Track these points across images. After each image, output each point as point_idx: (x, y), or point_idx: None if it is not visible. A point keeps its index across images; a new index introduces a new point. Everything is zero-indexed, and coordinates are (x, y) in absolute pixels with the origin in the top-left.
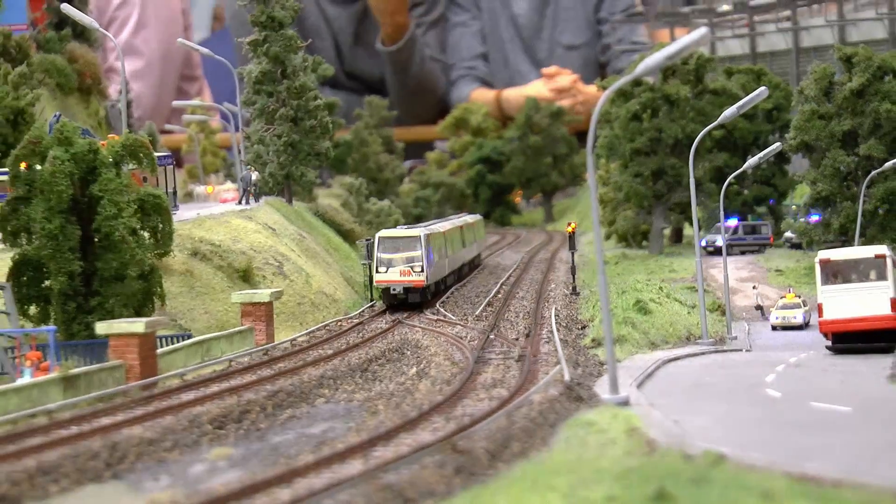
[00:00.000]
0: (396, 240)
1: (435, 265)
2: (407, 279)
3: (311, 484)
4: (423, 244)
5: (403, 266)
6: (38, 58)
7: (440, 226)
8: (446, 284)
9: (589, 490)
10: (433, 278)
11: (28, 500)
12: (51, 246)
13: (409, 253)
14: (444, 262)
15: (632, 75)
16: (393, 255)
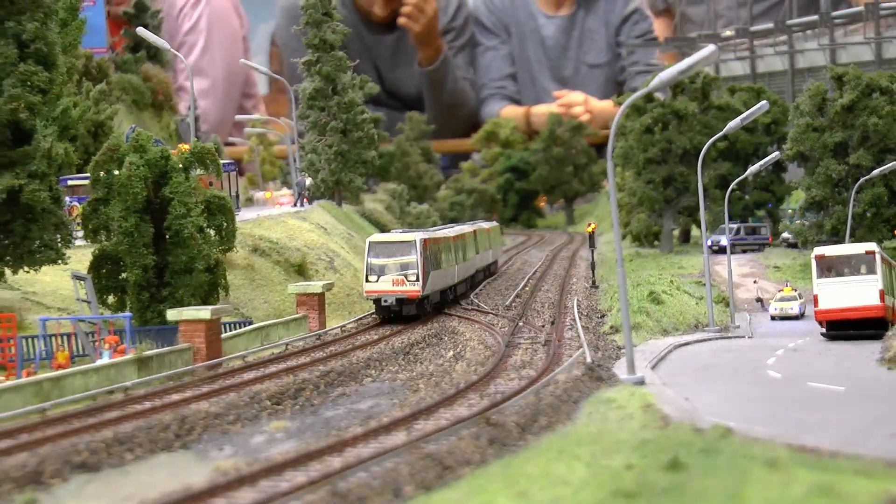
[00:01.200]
0: (389, 245)
1: (435, 274)
2: (400, 289)
3: (359, 453)
4: (420, 250)
5: (396, 274)
6: (117, 77)
7: (446, 231)
8: (456, 293)
9: (610, 459)
10: (432, 288)
11: (106, 467)
12: (127, 242)
13: (403, 260)
14: (451, 270)
15: (647, 88)
16: (385, 261)
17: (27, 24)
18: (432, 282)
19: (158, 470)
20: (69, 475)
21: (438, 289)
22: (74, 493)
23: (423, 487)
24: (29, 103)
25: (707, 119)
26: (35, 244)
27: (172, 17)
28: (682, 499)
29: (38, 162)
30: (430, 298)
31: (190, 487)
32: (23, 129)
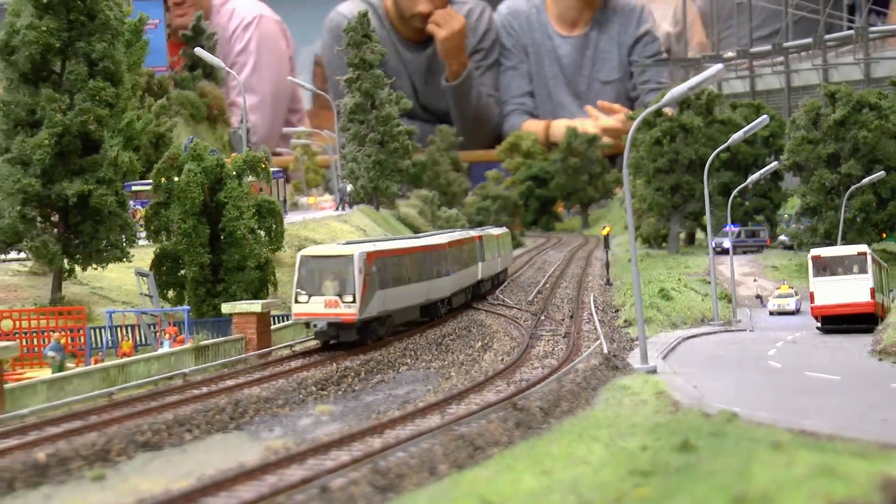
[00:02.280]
0: (323, 260)
1: (386, 293)
2: (333, 312)
3: (398, 434)
4: (359, 266)
5: (330, 295)
6: (175, 93)
7: (408, 242)
8: (450, 306)
9: (626, 441)
10: (376, 310)
11: (167, 446)
12: (185, 242)
13: (338, 277)
14: (420, 287)
15: (661, 103)
16: (318, 279)
17: (96, 44)
18: (379, 302)
19: (214, 449)
20: (134, 453)
21: (393, 309)
22: (138, 469)
23: (456, 466)
24: (98, 116)
25: (711, 132)
26: (102, 244)
27: (225, 39)
28: (693, 477)
29: (105, 169)
30: (384, 321)
31: (244, 465)
32: (92, 140)
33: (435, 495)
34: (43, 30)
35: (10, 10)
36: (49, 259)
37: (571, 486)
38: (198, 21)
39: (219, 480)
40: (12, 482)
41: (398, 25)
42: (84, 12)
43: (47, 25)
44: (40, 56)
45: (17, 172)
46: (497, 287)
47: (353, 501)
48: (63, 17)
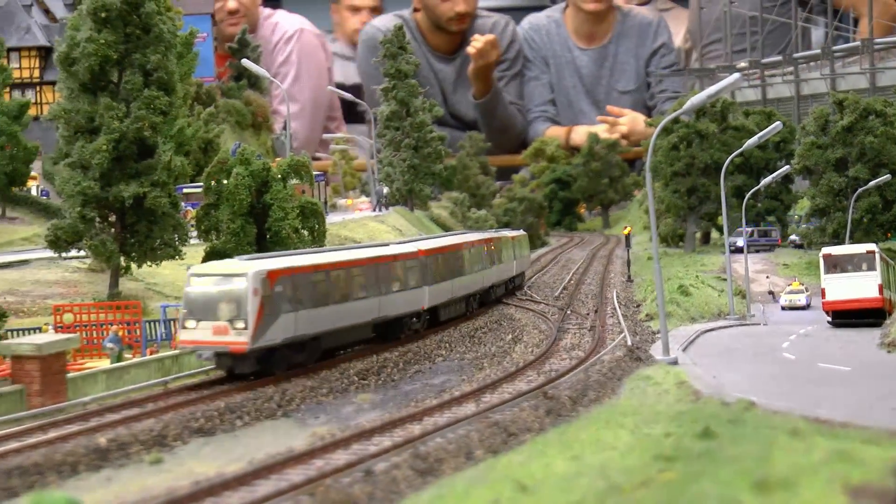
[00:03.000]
0: (214, 280)
1: (295, 317)
2: (221, 340)
3: (436, 421)
4: (253, 288)
5: (220, 320)
6: (222, 102)
7: (359, 253)
8: (435, 318)
9: (650, 428)
10: (281, 336)
11: (219, 432)
12: (234, 241)
13: (229, 300)
14: (366, 307)
15: (682, 110)
16: (207, 302)
17: (151, 56)
18: (287, 327)
19: (264, 434)
20: (188, 438)
21: (320, 331)
22: (193, 453)
23: (491, 451)
24: (152, 123)
25: (725, 138)
26: (156, 242)
27: (268, 51)
28: (716, 462)
29: (159, 173)
30: (305, 346)
31: (292, 449)
32: (147, 145)
33: (472, 479)
34: (101, 42)
35: (71, 24)
36: (107, 257)
37: (600, 470)
38: (243, 34)
39: (269, 464)
40: (76, 466)
41: (429, 37)
42: (140, 26)
43: (105, 38)
44: (99, 67)
45: (77, 176)
46: (513, 292)
47: (395, 484)
48: (120, 31)
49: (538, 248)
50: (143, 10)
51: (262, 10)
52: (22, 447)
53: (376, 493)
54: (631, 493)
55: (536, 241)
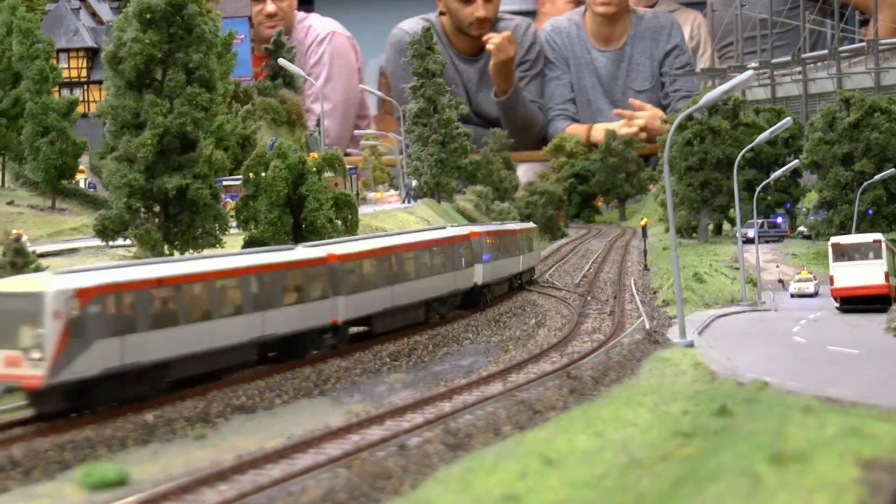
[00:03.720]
0: (6, 299)
1: (124, 341)
2: (13, 373)
3: (465, 399)
4: (53, 310)
5: (14, 349)
6: (259, 100)
7: (241, 259)
8: (375, 329)
9: (669, 406)
10: (99, 367)
11: (260, 410)
12: (271, 230)
13: (23, 325)
14: (243, 323)
15: (697, 106)
16: None
17: (193, 55)
18: (109, 355)
19: (301, 412)
20: (230, 415)
21: (167, 357)
22: (235, 429)
23: (518, 427)
24: (194, 118)
25: (737, 134)
26: (198, 231)
27: (302, 52)
28: (733, 438)
29: (200, 165)
30: (145, 374)
31: (329, 426)
32: (189, 139)
33: (500, 453)
34: (146, 42)
35: (117, 25)
36: (151, 245)
37: (622, 445)
38: (279, 36)
39: (308, 439)
40: (124, 440)
41: (454, 40)
42: (183, 27)
43: (150, 38)
44: (144, 65)
45: (123, 168)
46: (515, 288)
47: (427, 458)
48: (164, 31)
49: (558, 238)
50: (186, 12)
51: (296, 14)
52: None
53: (410, 466)
54: (652, 467)
55: (556, 232)
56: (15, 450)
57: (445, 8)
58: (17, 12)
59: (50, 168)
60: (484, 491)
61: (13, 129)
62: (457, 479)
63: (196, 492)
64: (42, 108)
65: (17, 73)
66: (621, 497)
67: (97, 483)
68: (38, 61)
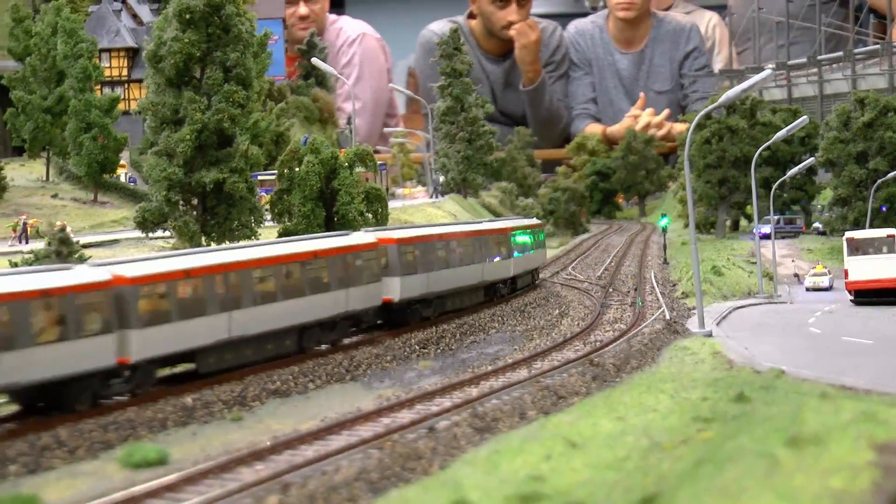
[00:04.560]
0: None
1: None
2: None
3: (491, 385)
4: None
5: None
6: (292, 99)
7: None
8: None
9: (688, 393)
10: None
11: (294, 394)
12: (304, 223)
13: None
14: None
15: (717, 103)
16: None
17: (231, 54)
18: None
19: (334, 396)
20: (266, 399)
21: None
22: (271, 412)
23: (542, 412)
24: (231, 115)
25: (754, 133)
26: (234, 224)
27: (333, 53)
28: (751, 422)
29: (237, 160)
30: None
31: (361, 409)
32: (226, 135)
33: (526, 436)
34: (186, 41)
35: (157, 25)
36: (189, 236)
37: (643, 429)
38: (311, 37)
39: (340, 421)
40: (165, 422)
41: (482, 41)
42: (220, 27)
43: (189, 38)
44: (183, 64)
45: (163, 163)
46: (514, 292)
47: (456, 440)
48: (203, 31)
49: (580, 234)
50: (224, 12)
51: (328, 16)
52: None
53: (438, 448)
54: (673, 450)
55: (578, 227)
56: (61, 430)
57: (478, 11)
58: (62, 13)
59: (92, 163)
60: (510, 472)
61: (57, 125)
62: (484, 461)
63: (234, 471)
64: (85, 106)
65: (62, 71)
66: (643, 478)
67: (139, 462)
68: (82, 60)
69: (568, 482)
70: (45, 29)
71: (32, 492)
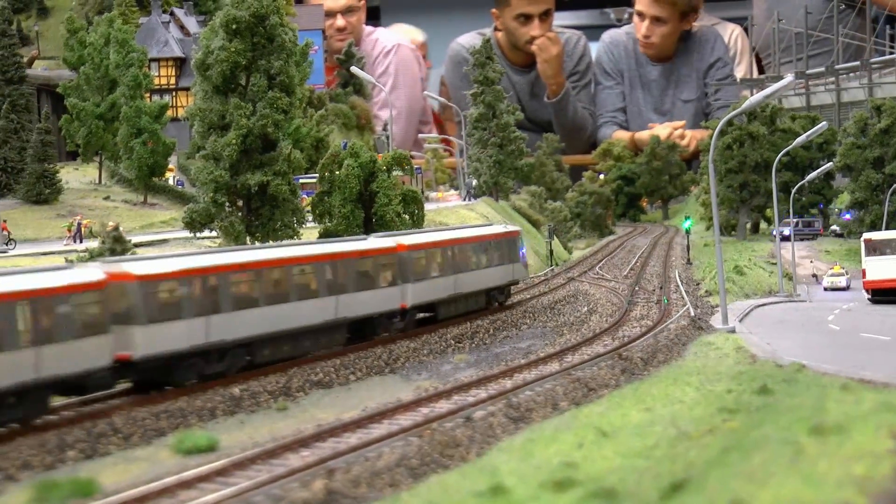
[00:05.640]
0: None
1: None
2: None
3: (524, 377)
4: None
5: None
6: (331, 106)
7: None
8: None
9: (713, 385)
10: None
11: (336, 385)
12: (344, 223)
13: None
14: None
15: (740, 109)
16: None
17: (275, 62)
18: None
19: (374, 387)
20: (309, 390)
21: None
22: (314, 402)
23: (574, 403)
24: (275, 121)
25: (773, 139)
26: (277, 224)
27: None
28: (775, 413)
29: (280, 164)
30: None
31: (400, 399)
32: (270, 140)
33: (558, 426)
34: (232, 50)
35: (205, 35)
36: (235, 236)
37: (671, 419)
38: (349, 47)
39: (381, 411)
40: (214, 411)
41: (508, 53)
42: (265, 36)
43: (235, 47)
44: (230, 72)
45: (210, 166)
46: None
47: (492, 429)
48: (248, 40)
49: (606, 235)
50: (269, 23)
51: (364, 28)
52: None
53: (475, 436)
54: (699, 439)
55: (604, 229)
56: (116, 418)
57: (503, 26)
58: (114, 25)
59: (142, 166)
60: (544, 459)
61: (109, 131)
62: (519, 448)
63: (281, 457)
64: (136, 112)
65: (114, 80)
66: (671, 465)
67: (190, 448)
68: (133, 69)
69: (599, 469)
70: (99, 40)
71: (90, 476)
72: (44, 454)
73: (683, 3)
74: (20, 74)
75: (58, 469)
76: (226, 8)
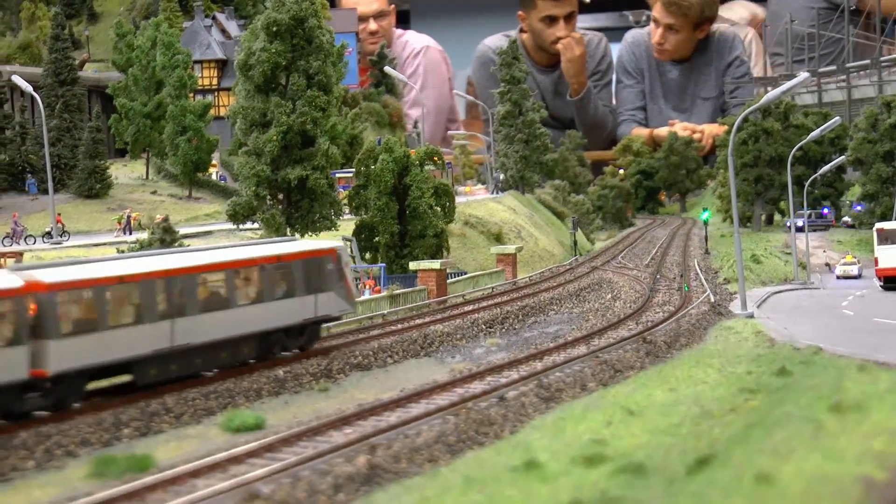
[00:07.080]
0: None
1: None
2: None
3: (553, 359)
4: None
5: None
6: (365, 105)
7: None
8: None
9: (734, 367)
10: None
11: (374, 367)
12: (379, 215)
13: None
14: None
15: (757, 105)
16: None
17: (313, 62)
18: None
19: (410, 370)
20: (349, 372)
21: None
22: (354, 383)
23: (601, 384)
24: (313, 118)
25: (787, 135)
26: (316, 216)
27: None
28: (795, 392)
29: (318, 159)
30: None
31: (436, 381)
32: (309, 136)
33: (587, 405)
34: (273, 51)
35: (246, 37)
36: (276, 228)
37: (694, 399)
38: (382, 49)
39: (419, 391)
40: (260, 391)
41: (532, 53)
42: (304, 38)
43: (276, 48)
44: (270, 72)
45: (252, 161)
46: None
47: (524, 408)
48: (288, 42)
49: (626, 227)
50: (307, 25)
51: (395, 31)
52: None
53: (509, 415)
54: (722, 417)
55: (624, 222)
56: (167, 398)
57: (528, 28)
58: (160, 28)
59: (187, 162)
60: (574, 436)
61: (156, 129)
62: (550, 426)
63: (325, 434)
64: (181, 111)
65: (160, 80)
66: (696, 441)
67: (238, 426)
68: (178, 70)
69: (627, 445)
70: (146, 43)
71: (145, 452)
72: (101, 432)
73: (696, 15)
74: (72, 76)
75: (114, 445)
76: (267, 11)
